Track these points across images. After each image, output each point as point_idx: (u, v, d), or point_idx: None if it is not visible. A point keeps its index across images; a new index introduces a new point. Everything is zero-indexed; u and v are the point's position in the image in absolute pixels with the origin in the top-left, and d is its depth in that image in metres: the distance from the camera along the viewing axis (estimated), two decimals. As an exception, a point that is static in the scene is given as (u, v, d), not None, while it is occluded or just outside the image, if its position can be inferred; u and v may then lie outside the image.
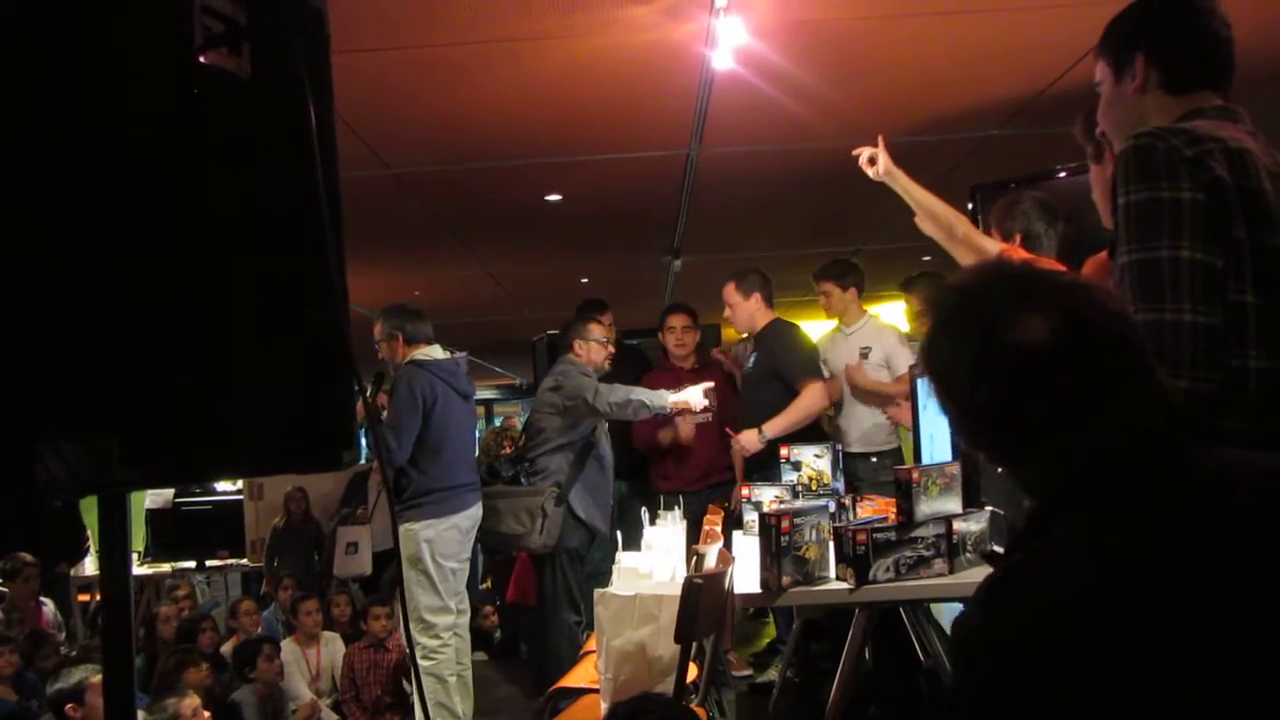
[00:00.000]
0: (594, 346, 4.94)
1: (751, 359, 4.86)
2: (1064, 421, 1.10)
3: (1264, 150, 1.67)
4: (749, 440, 4.60)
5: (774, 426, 4.55)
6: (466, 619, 4.71)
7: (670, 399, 4.63)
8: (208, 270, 1.14)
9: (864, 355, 4.97)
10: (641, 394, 4.63)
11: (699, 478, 5.14)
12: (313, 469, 1.33)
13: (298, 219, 1.26)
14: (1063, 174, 4.00)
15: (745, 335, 5.13)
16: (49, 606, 6.06)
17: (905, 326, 5.42)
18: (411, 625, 4.54)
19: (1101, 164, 2.18)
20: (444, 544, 4.42)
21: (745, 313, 4.88)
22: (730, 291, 4.90)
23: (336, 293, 1.24)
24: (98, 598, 7.44)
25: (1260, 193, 1.59)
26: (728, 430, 4.72)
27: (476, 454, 5.90)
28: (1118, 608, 0.97)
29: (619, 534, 3.56)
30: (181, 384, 1.09)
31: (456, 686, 4.48)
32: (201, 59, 1.18)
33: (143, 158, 1.11)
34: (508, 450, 7.19)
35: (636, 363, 5.92)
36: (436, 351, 4.56)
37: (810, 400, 4.61)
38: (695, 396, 4.61)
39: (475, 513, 4.58)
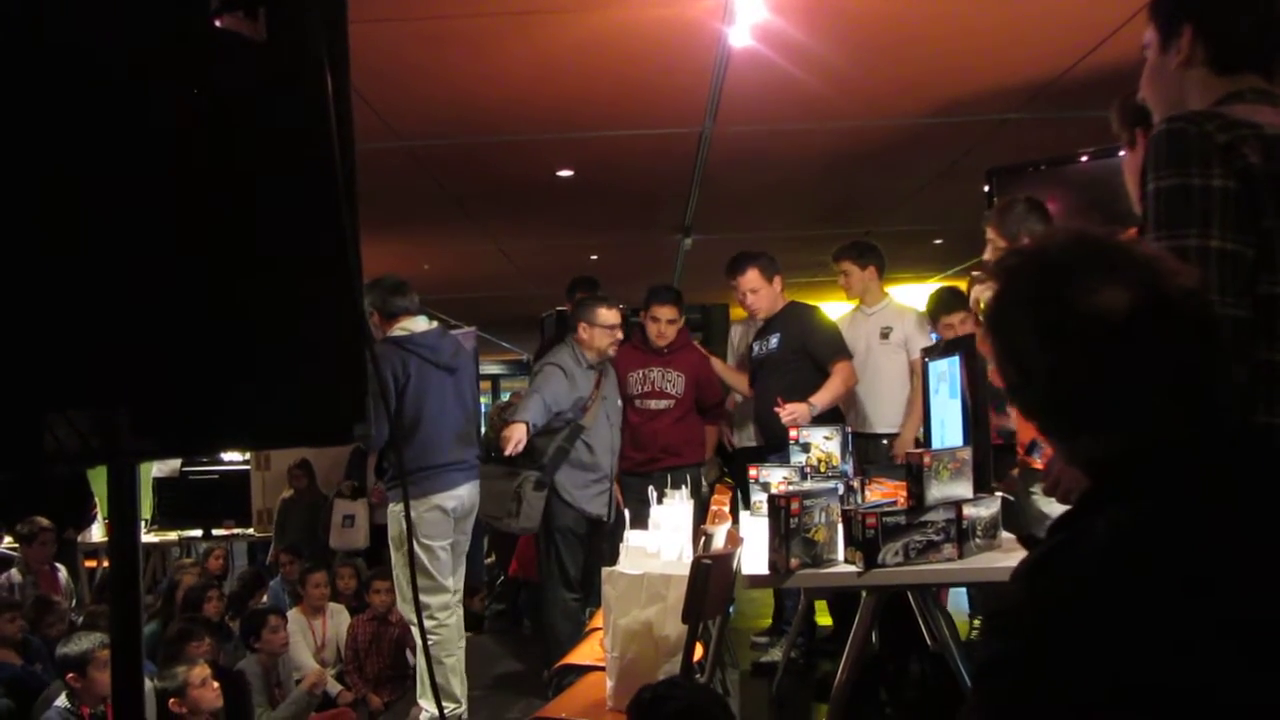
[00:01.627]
0: (598, 333, 4.78)
1: (774, 339, 4.79)
2: (1133, 397, 1.06)
3: None
4: (801, 412, 4.46)
5: (821, 399, 4.53)
6: (459, 598, 4.57)
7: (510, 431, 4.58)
8: (220, 240, 1.12)
9: (884, 336, 4.97)
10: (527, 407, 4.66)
11: (647, 461, 5.08)
12: (324, 442, 1.32)
13: (312, 189, 1.24)
14: (1084, 158, 3.96)
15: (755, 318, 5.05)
16: (63, 572, 6.10)
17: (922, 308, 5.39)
18: (402, 607, 4.48)
19: (1134, 151, 2.15)
20: (425, 525, 4.24)
21: (770, 297, 4.84)
22: (755, 277, 4.79)
23: (351, 265, 1.22)
24: (104, 564, 7.49)
25: None
26: (778, 400, 4.64)
27: (484, 429, 5.89)
28: (1171, 591, 0.96)
29: (626, 512, 3.55)
30: (193, 355, 1.08)
31: (455, 668, 4.40)
32: (217, 22, 1.16)
33: (153, 124, 1.09)
34: (511, 426, 7.19)
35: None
36: (417, 324, 4.34)
37: (847, 377, 4.66)
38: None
39: (464, 493, 4.35)
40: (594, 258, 8.32)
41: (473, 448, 4.47)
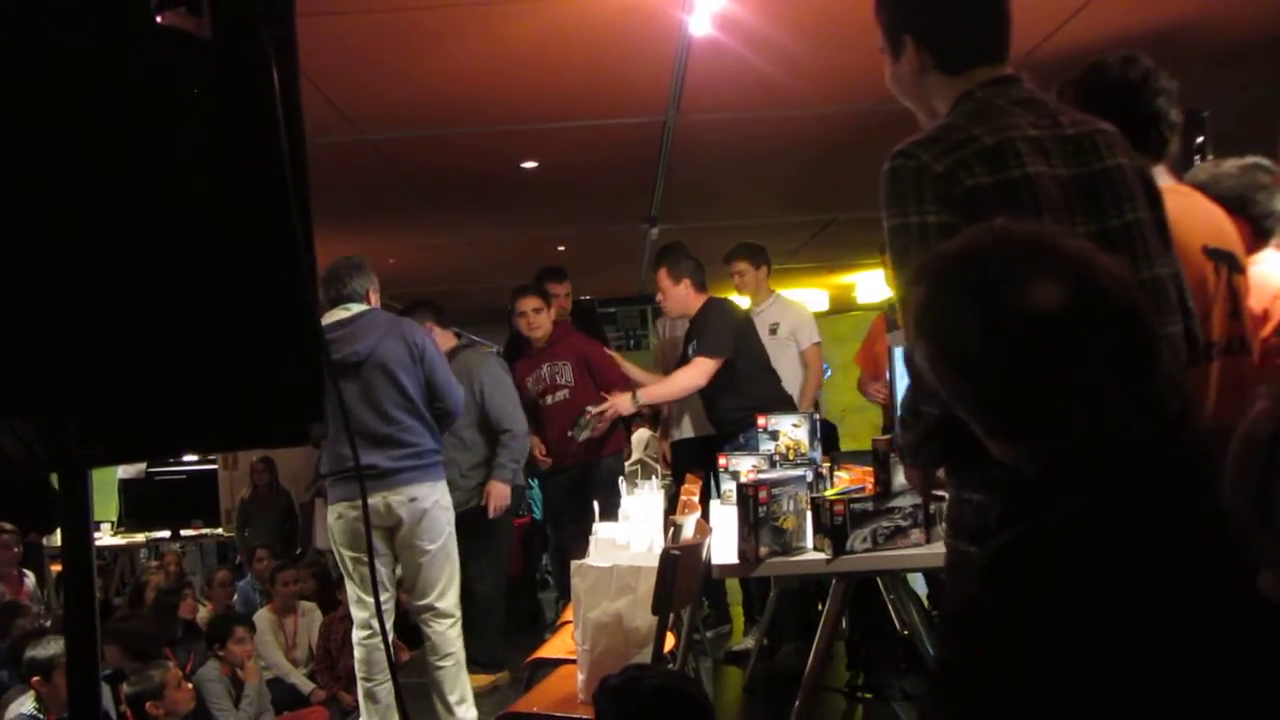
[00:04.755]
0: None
1: (694, 345, 4.75)
2: (1076, 392, 1.05)
3: (1035, 118, 1.67)
4: (621, 402, 4.68)
5: (649, 393, 4.66)
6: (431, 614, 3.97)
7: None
8: (166, 239, 1.10)
9: (773, 331, 5.12)
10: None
11: (560, 457, 5.18)
12: (280, 443, 1.30)
13: (261, 185, 1.22)
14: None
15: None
16: (30, 579, 6.01)
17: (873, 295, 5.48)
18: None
19: None
20: (338, 532, 3.87)
21: (677, 299, 4.83)
22: (662, 277, 4.83)
23: (301, 261, 1.20)
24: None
25: (1023, 181, 1.59)
26: (602, 394, 4.78)
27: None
28: (1121, 589, 0.95)
29: (595, 504, 3.54)
30: (141, 358, 1.05)
31: (374, 693, 3.90)
32: (159, 19, 1.14)
33: (96, 123, 1.07)
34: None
35: (592, 335, 5.92)
36: (327, 318, 3.85)
37: (688, 376, 4.58)
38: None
39: (374, 502, 3.78)
40: (561, 249, 8.29)
41: (391, 450, 3.83)
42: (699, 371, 4.54)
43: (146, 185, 1.08)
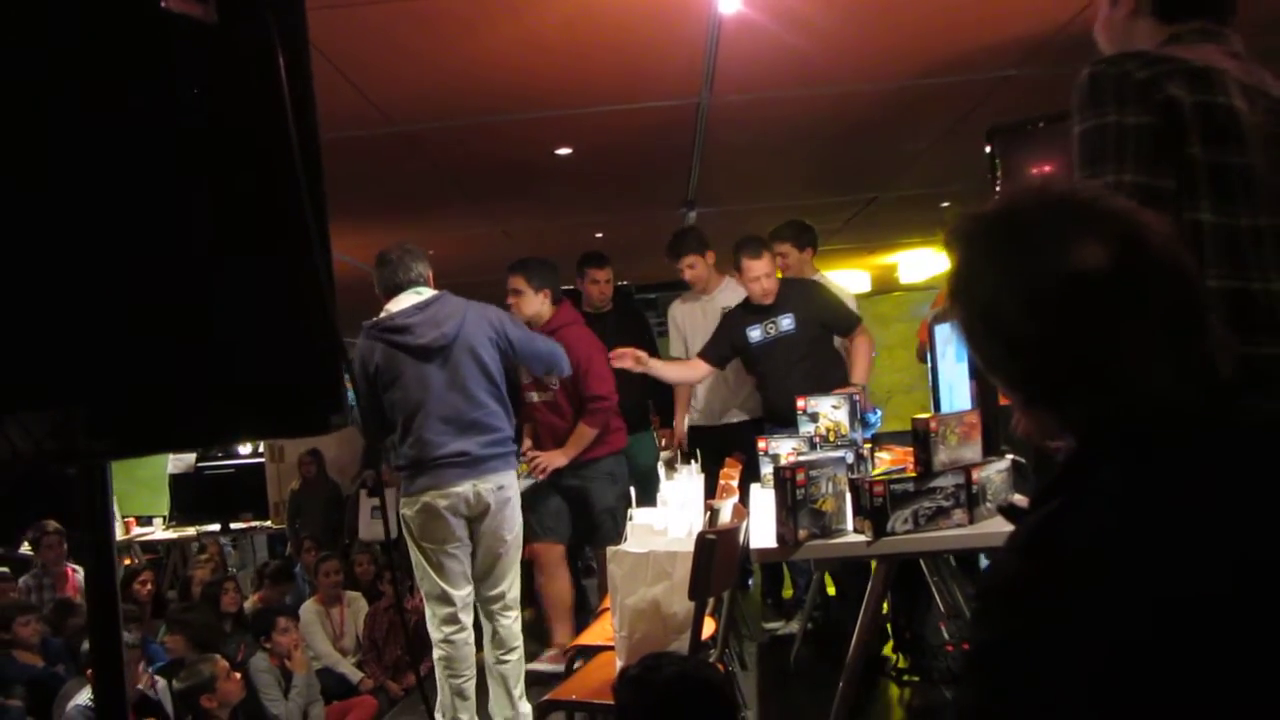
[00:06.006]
0: None
1: (787, 320, 4.82)
2: (1124, 358, 1.00)
3: (1243, 69, 1.65)
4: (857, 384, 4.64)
5: (861, 375, 4.65)
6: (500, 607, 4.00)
7: None
8: (175, 228, 1.09)
9: None
10: None
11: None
12: (300, 433, 1.29)
13: (274, 173, 1.21)
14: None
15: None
16: (80, 574, 6.14)
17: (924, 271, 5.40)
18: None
19: None
20: (419, 526, 3.78)
21: (772, 278, 4.91)
22: (769, 262, 4.85)
23: (315, 249, 1.19)
24: (126, 562, 7.54)
25: (1226, 109, 1.58)
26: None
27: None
28: (1176, 559, 0.91)
29: (632, 490, 3.51)
30: (150, 348, 1.04)
31: (463, 690, 3.88)
32: (164, 4, 1.12)
33: (103, 109, 1.06)
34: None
35: (634, 321, 5.88)
36: (397, 303, 3.89)
37: (870, 344, 4.80)
38: None
39: (465, 490, 3.77)
40: (599, 235, 8.26)
41: (480, 436, 3.84)
42: (868, 337, 4.84)
43: (154, 174, 1.07)
